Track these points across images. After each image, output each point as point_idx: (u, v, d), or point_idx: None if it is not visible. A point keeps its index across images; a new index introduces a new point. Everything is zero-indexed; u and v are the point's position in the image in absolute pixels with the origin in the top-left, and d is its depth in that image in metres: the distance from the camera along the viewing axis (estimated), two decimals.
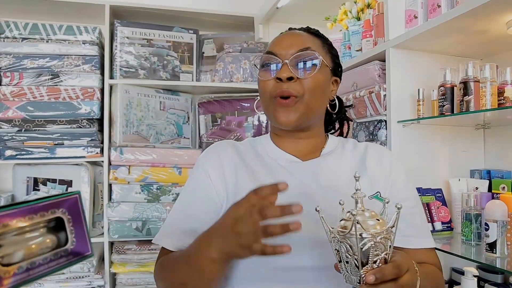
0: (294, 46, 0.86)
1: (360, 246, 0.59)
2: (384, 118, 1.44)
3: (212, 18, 2.39)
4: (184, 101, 2.37)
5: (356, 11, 1.85)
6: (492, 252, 1.13)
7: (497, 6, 1.10)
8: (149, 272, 2.10)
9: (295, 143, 0.92)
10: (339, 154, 0.93)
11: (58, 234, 0.44)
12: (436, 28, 1.25)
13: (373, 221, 0.62)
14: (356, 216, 0.60)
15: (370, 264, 0.60)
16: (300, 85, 0.84)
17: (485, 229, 1.15)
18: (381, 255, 0.60)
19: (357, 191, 0.65)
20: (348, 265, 0.62)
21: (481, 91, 1.22)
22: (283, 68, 0.84)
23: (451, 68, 1.30)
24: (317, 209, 0.65)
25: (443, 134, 1.48)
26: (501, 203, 1.14)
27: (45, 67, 2.01)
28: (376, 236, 0.60)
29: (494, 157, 1.50)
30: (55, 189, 2.04)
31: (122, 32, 2.19)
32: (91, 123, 2.08)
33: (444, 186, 1.45)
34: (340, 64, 0.96)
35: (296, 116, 0.85)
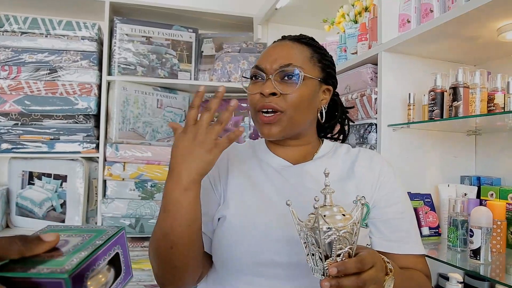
0: (278, 61, 0.88)
1: (323, 238, 0.61)
2: (375, 121, 1.44)
3: (211, 18, 2.40)
4: (182, 99, 2.38)
5: (353, 14, 1.85)
6: (476, 259, 1.13)
7: (489, 11, 1.10)
8: (141, 270, 2.11)
9: (285, 149, 0.96)
10: (330, 158, 0.96)
11: (114, 265, 0.51)
12: (428, 33, 1.25)
13: (340, 216, 0.64)
14: (318, 209, 0.61)
15: (334, 257, 0.62)
16: (283, 100, 0.87)
17: (470, 236, 1.14)
18: (344, 249, 0.62)
19: (326, 186, 0.67)
20: (314, 258, 0.64)
21: (471, 97, 1.21)
22: (267, 83, 0.87)
23: (441, 73, 1.30)
24: (287, 203, 0.66)
25: (434, 139, 1.47)
26: (487, 209, 1.14)
27: (44, 62, 2.02)
28: (340, 230, 0.61)
29: (484, 163, 1.50)
30: (50, 183, 2.06)
31: (122, 29, 2.20)
32: (88, 119, 2.10)
33: (433, 192, 1.44)
34: (332, 73, 0.96)
35: (278, 129, 0.88)
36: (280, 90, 0.86)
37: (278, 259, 0.81)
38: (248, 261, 0.82)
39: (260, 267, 0.82)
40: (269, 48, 0.94)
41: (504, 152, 1.42)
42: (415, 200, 1.39)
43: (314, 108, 0.93)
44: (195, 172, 0.75)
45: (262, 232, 0.82)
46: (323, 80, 0.93)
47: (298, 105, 0.87)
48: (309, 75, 0.88)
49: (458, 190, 1.39)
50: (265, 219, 0.84)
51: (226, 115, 0.77)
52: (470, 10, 1.10)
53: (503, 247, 1.20)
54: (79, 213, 2.02)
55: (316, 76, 0.91)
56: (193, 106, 0.78)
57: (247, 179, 0.91)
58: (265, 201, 0.87)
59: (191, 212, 0.77)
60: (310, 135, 0.97)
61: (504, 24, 1.17)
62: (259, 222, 0.83)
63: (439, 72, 1.30)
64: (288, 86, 0.87)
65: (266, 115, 0.87)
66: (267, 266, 0.81)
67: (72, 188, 2.05)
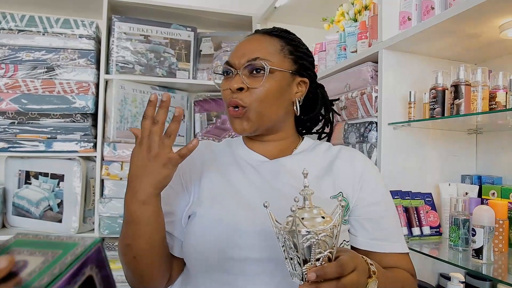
0: (246, 55, 0.88)
1: (301, 242, 0.59)
2: (375, 120, 1.42)
3: (210, 17, 2.38)
4: (180, 98, 2.37)
5: (353, 12, 1.84)
6: (478, 258, 1.11)
7: (491, 8, 1.09)
8: None
9: (263, 144, 0.94)
10: (308, 154, 0.94)
11: None
12: (429, 30, 1.24)
13: (319, 218, 0.61)
14: (295, 212, 0.59)
15: (313, 261, 0.60)
16: (249, 95, 0.86)
17: (472, 235, 1.13)
18: (324, 253, 0.60)
19: (305, 188, 0.64)
20: (292, 262, 0.62)
21: (472, 95, 1.20)
22: (235, 78, 0.87)
23: (443, 71, 1.28)
24: (265, 204, 0.64)
25: (435, 138, 1.46)
26: (489, 208, 1.13)
27: (41, 60, 2.01)
28: (319, 233, 0.59)
29: (485, 162, 1.49)
30: (46, 183, 2.04)
31: (120, 27, 2.18)
32: (85, 118, 2.08)
33: (434, 191, 1.43)
34: (306, 65, 0.94)
35: (248, 125, 0.87)
36: (247, 84, 0.86)
37: (249, 254, 0.78)
38: (217, 257, 0.80)
39: (230, 263, 0.79)
40: (240, 43, 0.94)
41: (505, 151, 1.41)
42: (416, 199, 1.38)
43: (286, 101, 0.91)
44: (152, 187, 0.74)
45: (232, 227, 0.80)
46: (296, 72, 0.92)
47: (265, 99, 0.87)
48: (277, 67, 0.87)
49: (459, 189, 1.37)
50: (236, 214, 0.82)
51: (173, 127, 0.74)
52: (472, 7, 1.09)
53: (505, 246, 1.19)
54: (76, 213, 2.00)
55: (286, 68, 0.89)
56: (146, 117, 0.73)
57: (222, 175, 0.89)
58: (238, 196, 0.85)
59: (150, 224, 0.76)
60: (286, 130, 0.95)
61: (507, 21, 1.16)
62: (229, 217, 0.81)
63: (440, 70, 1.29)
64: (256, 80, 0.86)
65: (233, 110, 0.87)
66: (238, 262, 0.79)
67: (69, 188, 2.02)
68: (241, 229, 0.80)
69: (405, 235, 1.33)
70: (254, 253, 0.78)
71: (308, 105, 0.99)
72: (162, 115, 0.73)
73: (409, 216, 1.35)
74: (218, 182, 0.88)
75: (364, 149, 1.44)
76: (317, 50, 1.98)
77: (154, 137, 0.72)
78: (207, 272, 0.82)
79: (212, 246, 0.80)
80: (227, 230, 0.80)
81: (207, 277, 0.82)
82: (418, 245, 1.30)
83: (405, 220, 1.34)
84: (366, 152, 1.42)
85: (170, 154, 0.73)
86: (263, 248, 0.78)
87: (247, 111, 0.86)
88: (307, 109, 1.00)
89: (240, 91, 0.86)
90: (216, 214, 0.83)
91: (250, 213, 0.81)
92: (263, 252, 0.78)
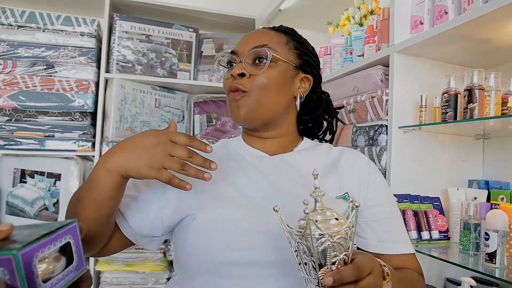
0: (251, 43, 0.87)
1: (316, 246, 0.56)
2: (385, 123, 1.42)
3: (212, 18, 2.37)
4: (180, 99, 2.34)
5: (359, 17, 1.85)
6: (491, 262, 1.11)
7: (505, 14, 1.10)
8: (135, 272, 2.05)
9: (262, 141, 0.92)
10: (310, 152, 0.93)
11: (66, 255, 0.52)
12: (442, 35, 1.24)
13: (333, 220, 0.59)
14: (309, 214, 0.57)
15: (329, 265, 0.57)
16: (251, 81, 0.85)
17: (485, 239, 1.13)
18: (340, 256, 0.58)
19: (316, 189, 0.61)
20: (307, 267, 0.59)
21: (486, 100, 1.21)
22: (238, 65, 0.86)
23: (455, 76, 1.29)
24: (275, 208, 0.61)
25: (443, 143, 1.47)
26: (502, 212, 1.13)
27: (40, 57, 1.97)
28: (334, 236, 0.57)
29: (492, 167, 1.50)
30: (42, 182, 1.99)
31: (121, 26, 2.16)
32: (84, 117, 2.04)
33: (442, 195, 1.43)
34: (311, 63, 0.93)
35: (245, 111, 0.85)
36: (249, 71, 0.85)
37: (253, 256, 0.76)
38: (218, 260, 0.76)
39: (231, 266, 0.76)
40: (245, 35, 0.93)
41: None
42: (425, 203, 1.38)
43: (287, 94, 0.89)
44: (124, 168, 0.70)
45: (234, 228, 0.77)
46: (300, 67, 0.91)
47: (265, 87, 0.85)
48: (282, 57, 0.87)
49: (468, 194, 1.38)
50: (237, 213, 0.79)
51: (193, 171, 0.71)
52: (487, 13, 1.10)
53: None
54: None
55: (290, 60, 0.89)
56: (191, 143, 0.71)
57: (221, 176, 0.85)
58: (239, 196, 0.82)
59: (104, 195, 0.72)
60: (286, 126, 0.93)
61: None
62: (230, 218, 0.79)
63: (452, 74, 1.29)
64: (258, 68, 0.86)
65: (232, 93, 0.86)
66: (241, 265, 0.76)
67: (66, 187, 1.98)
68: (244, 229, 0.77)
69: (415, 239, 1.33)
70: (258, 255, 0.76)
71: (311, 106, 0.98)
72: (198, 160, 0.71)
73: (419, 220, 1.35)
74: (217, 183, 0.84)
75: (373, 152, 1.43)
76: (322, 53, 1.98)
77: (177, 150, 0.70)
78: (206, 276, 0.78)
79: (214, 248, 0.77)
80: (229, 232, 0.77)
81: (205, 282, 0.79)
82: (427, 249, 1.29)
83: (414, 224, 1.34)
84: (376, 155, 1.42)
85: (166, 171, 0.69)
86: (267, 250, 0.75)
87: (246, 96, 0.85)
88: (310, 109, 0.98)
89: (242, 77, 0.85)
90: (217, 214, 0.79)
91: (253, 212, 0.79)
92: (268, 254, 0.75)
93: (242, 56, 0.86)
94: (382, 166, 1.40)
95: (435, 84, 1.40)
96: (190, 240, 0.79)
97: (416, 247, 1.29)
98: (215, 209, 0.80)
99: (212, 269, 0.77)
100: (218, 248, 0.76)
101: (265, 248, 0.76)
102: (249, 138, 0.94)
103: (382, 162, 1.40)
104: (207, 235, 0.78)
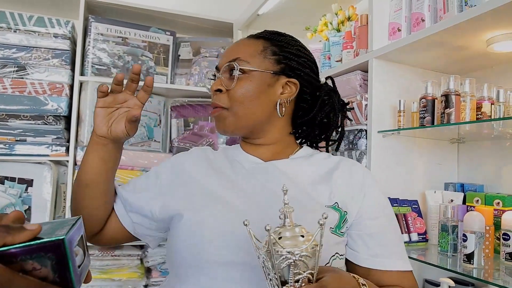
0: (225, 58, 0.91)
1: (279, 262, 0.56)
2: (365, 127, 1.44)
3: (190, 21, 2.35)
4: (157, 103, 2.31)
5: (336, 23, 1.88)
6: (469, 263, 1.14)
7: (480, 23, 1.14)
8: (111, 280, 2.00)
9: (256, 148, 0.95)
10: (305, 160, 0.93)
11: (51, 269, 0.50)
12: (420, 42, 1.28)
13: (301, 237, 0.58)
14: (270, 231, 0.56)
15: (292, 283, 0.57)
16: (227, 96, 0.88)
17: (463, 240, 1.16)
18: (303, 274, 0.57)
19: (286, 205, 0.60)
20: (272, 283, 0.59)
21: (461, 105, 1.25)
22: (216, 81, 0.91)
23: (432, 81, 1.33)
24: (245, 223, 0.59)
25: (420, 147, 1.50)
26: (479, 214, 1.17)
27: (11, 58, 1.90)
28: (296, 254, 0.56)
29: (467, 171, 1.54)
30: (13, 188, 1.92)
31: (97, 28, 2.11)
32: (58, 120, 1.98)
33: (419, 198, 1.47)
34: (293, 65, 0.91)
35: (226, 125, 0.90)
36: (225, 86, 0.89)
37: (234, 258, 0.77)
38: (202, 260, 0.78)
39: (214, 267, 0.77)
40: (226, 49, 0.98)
41: (486, 160, 1.47)
42: (403, 206, 1.41)
43: (267, 102, 0.89)
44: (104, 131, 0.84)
45: (217, 229, 0.79)
46: (280, 72, 0.90)
47: (240, 100, 0.87)
48: (254, 68, 0.88)
49: (445, 197, 1.42)
50: (222, 217, 0.81)
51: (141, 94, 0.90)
52: (462, 21, 1.13)
53: (491, 252, 1.23)
54: (46, 220, 1.89)
55: (265, 68, 0.88)
56: None
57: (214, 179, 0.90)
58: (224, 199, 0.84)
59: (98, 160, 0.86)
60: (274, 133, 0.93)
61: (494, 36, 1.21)
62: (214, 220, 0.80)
63: (429, 80, 1.33)
64: (230, 82, 0.88)
65: (213, 109, 0.92)
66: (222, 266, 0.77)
67: (39, 193, 1.91)
68: (226, 232, 0.78)
69: None
70: (238, 257, 0.76)
71: (306, 108, 0.96)
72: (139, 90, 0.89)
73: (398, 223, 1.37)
74: (208, 185, 0.88)
75: (353, 156, 1.46)
76: None
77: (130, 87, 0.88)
78: (191, 275, 0.80)
79: (197, 248, 0.79)
80: (211, 233, 0.79)
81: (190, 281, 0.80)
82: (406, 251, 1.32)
83: None
84: (356, 159, 1.44)
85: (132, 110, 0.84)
86: (249, 252, 0.75)
87: (224, 111, 0.89)
88: (304, 112, 0.96)
89: (220, 93, 0.89)
90: (201, 217, 0.81)
91: (235, 215, 0.80)
92: (248, 256, 0.75)
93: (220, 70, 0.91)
94: None
95: (413, 89, 1.44)
96: (176, 238, 0.83)
97: None
98: (200, 211, 0.82)
99: (197, 267, 0.79)
100: (201, 248, 0.78)
101: (246, 250, 0.75)
102: (245, 145, 0.97)
103: None
104: (191, 235, 0.80)
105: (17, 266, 0.46)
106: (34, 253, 0.47)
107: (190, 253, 0.80)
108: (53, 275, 0.48)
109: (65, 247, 0.47)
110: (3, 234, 0.46)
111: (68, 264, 0.48)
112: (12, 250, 0.46)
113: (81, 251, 0.54)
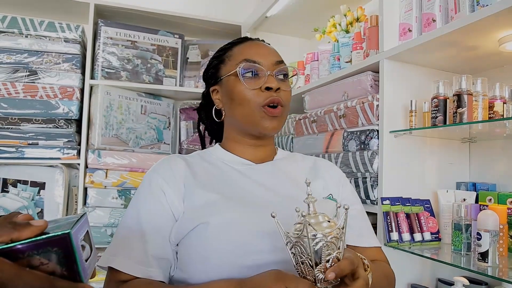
0: (272, 56, 0.93)
1: (312, 246, 0.62)
2: (376, 127, 1.45)
3: (198, 24, 2.37)
4: (166, 106, 2.33)
5: (345, 24, 1.88)
6: (484, 262, 1.14)
7: (492, 22, 1.14)
8: None
9: (253, 149, 0.97)
10: (290, 160, 1.02)
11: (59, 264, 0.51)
12: (431, 42, 1.28)
13: (325, 223, 0.65)
14: (306, 217, 0.63)
15: (323, 263, 0.63)
16: (284, 95, 0.92)
17: (477, 239, 1.16)
18: (333, 254, 0.64)
19: (309, 196, 0.68)
20: (304, 266, 0.64)
21: (473, 104, 1.25)
22: (271, 78, 0.90)
23: (444, 81, 1.33)
24: (272, 215, 0.66)
25: (432, 146, 1.51)
26: (493, 213, 1.17)
27: (23, 63, 1.92)
28: (327, 236, 0.63)
29: (479, 170, 1.54)
30: (26, 191, 1.93)
31: (106, 32, 2.13)
32: (69, 124, 2.00)
33: (431, 197, 1.47)
34: None
35: (280, 123, 0.93)
36: (282, 87, 0.92)
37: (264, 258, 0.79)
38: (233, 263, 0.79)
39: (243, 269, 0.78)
40: (252, 44, 0.96)
41: (498, 159, 1.47)
42: (416, 205, 1.41)
43: None
44: None
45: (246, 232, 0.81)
46: None
47: (289, 101, 0.95)
48: (293, 73, 1.00)
49: (457, 196, 1.42)
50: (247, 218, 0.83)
51: None
52: (474, 21, 1.14)
53: (505, 250, 1.23)
54: None
55: None
56: None
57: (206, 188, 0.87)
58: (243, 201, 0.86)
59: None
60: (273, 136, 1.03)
61: (506, 35, 1.22)
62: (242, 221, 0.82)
63: (441, 80, 1.33)
64: (283, 83, 0.93)
65: (274, 109, 0.90)
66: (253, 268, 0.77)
67: (51, 196, 1.93)
68: (255, 233, 0.80)
69: (408, 240, 1.36)
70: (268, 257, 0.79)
71: None
72: None
73: (411, 222, 1.38)
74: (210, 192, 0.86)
75: (365, 156, 1.46)
76: (309, 59, 2.00)
77: None
78: None
79: (228, 250, 0.79)
80: (242, 236, 0.80)
81: None
82: (419, 250, 1.32)
83: (407, 226, 1.37)
84: (368, 160, 1.44)
85: None
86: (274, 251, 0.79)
87: (282, 111, 0.92)
88: None
89: (278, 91, 0.91)
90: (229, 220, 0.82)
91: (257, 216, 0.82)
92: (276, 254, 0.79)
93: (268, 68, 0.91)
94: (374, 170, 1.43)
95: (424, 89, 1.44)
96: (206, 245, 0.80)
97: (409, 249, 1.32)
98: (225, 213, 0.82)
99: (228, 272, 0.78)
100: (231, 251, 0.79)
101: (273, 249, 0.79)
102: (238, 146, 0.97)
103: (374, 166, 1.42)
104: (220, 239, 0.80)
105: (24, 261, 0.47)
106: (41, 248, 0.47)
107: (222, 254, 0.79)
108: (61, 269, 0.48)
109: (71, 241, 0.48)
110: (10, 231, 0.47)
111: (75, 257, 0.48)
112: (18, 246, 0.47)
113: (87, 246, 0.55)
